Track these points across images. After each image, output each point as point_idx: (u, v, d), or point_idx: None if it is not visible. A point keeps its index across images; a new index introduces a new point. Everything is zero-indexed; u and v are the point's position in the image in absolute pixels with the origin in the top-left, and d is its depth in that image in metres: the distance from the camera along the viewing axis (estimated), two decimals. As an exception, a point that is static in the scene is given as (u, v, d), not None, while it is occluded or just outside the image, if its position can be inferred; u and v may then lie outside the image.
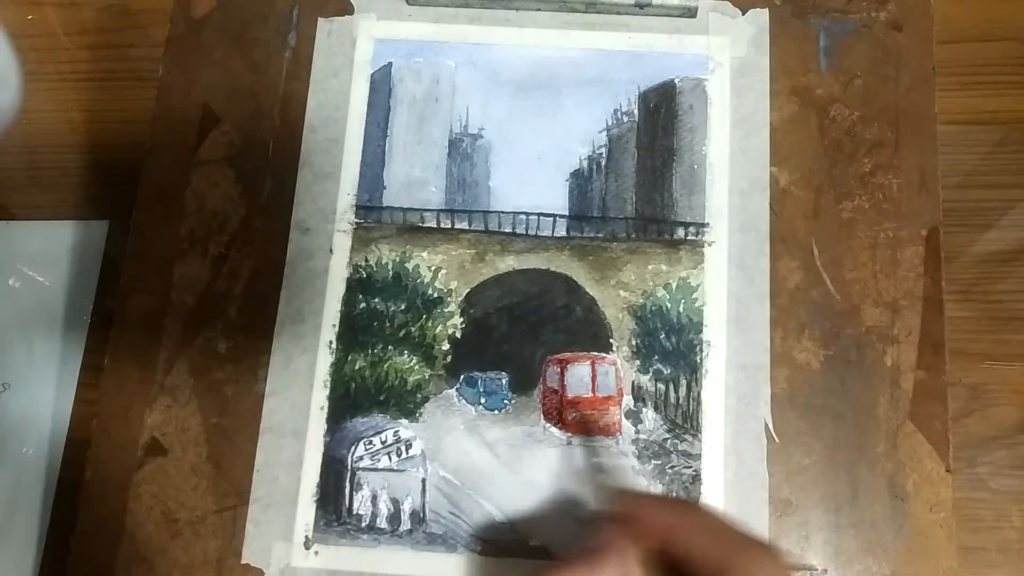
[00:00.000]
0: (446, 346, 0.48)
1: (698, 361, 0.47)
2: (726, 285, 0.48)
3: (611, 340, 0.47)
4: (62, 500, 0.49)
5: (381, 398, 0.47)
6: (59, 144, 0.56)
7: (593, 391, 0.46)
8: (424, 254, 0.49)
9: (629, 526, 0.36)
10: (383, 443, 0.46)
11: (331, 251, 0.49)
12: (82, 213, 0.55)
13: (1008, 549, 0.47)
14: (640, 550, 0.35)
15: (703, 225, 0.49)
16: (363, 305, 0.48)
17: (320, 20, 0.52)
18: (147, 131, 0.51)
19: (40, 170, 0.57)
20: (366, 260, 0.49)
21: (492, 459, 0.46)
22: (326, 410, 0.46)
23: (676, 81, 0.51)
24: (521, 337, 0.48)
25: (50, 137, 0.57)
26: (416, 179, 0.50)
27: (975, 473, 0.48)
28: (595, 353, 0.47)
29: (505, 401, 0.47)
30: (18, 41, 0.55)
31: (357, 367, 0.47)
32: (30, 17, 0.58)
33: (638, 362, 0.47)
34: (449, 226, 0.49)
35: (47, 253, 0.54)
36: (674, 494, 0.45)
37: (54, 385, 0.52)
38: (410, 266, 0.49)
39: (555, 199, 0.49)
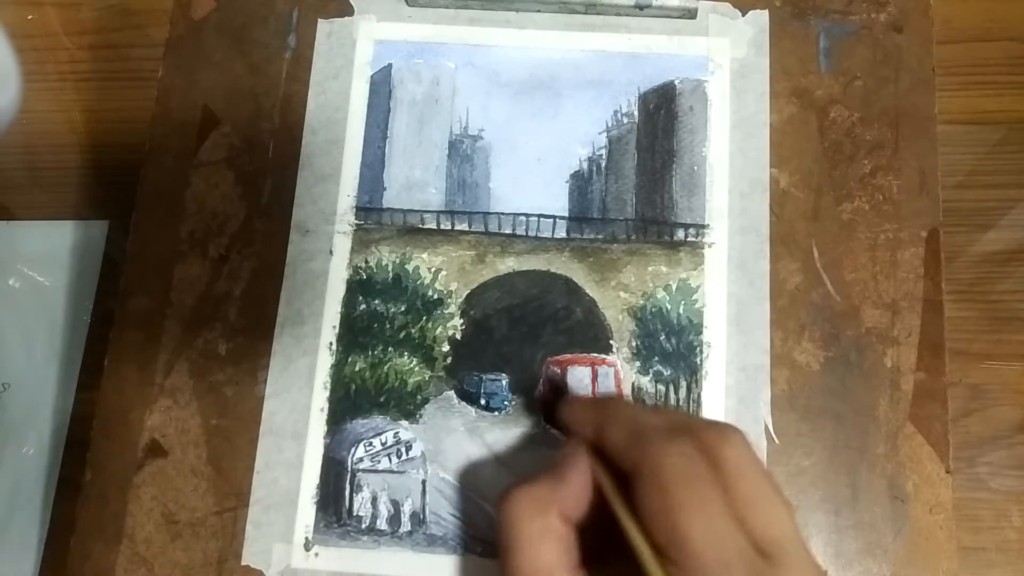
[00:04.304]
0: (446, 347, 0.48)
1: (698, 363, 0.47)
2: (726, 287, 0.48)
3: (611, 342, 0.47)
4: (62, 500, 0.49)
5: (381, 400, 0.47)
6: (59, 144, 0.56)
7: (593, 393, 0.46)
8: (424, 255, 0.49)
9: (581, 435, 0.37)
10: (383, 444, 0.46)
11: (331, 253, 0.49)
12: (82, 213, 0.55)
13: (1008, 549, 0.47)
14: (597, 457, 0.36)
15: (703, 227, 0.49)
16: (363, 307, 0.48)
17: (320, 21, 0.52)
18: (147, 131, 0.51)
19: (40, 170, 0.57)
20: (366, 262, 0.49)
21: (492, 460, 0.46)
22: (326, 412, 0.47)
23: (676, 82, 0.51)
24: (521, 339, 0.48)
25: (50, 137, 0.57)
26: (416, 181, 0.50)
27: (975, 473, 0.48)
28: (595, 355, 0.47)
29: (505, 402, 0.47)
30: (18, 41, 0.55)
31: (357, 369, 0.47)
32: (30, 17, 0.58)
33: (638, 364, 0.47)
34: (449, 228, 0.49)
35: (47, 253, 0.54)
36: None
37: (54, 385, 0.52)
38: (410, 267, 0.49)
39: (555, 200, 0.49)
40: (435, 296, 0.48)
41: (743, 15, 0.52)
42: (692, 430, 0.34)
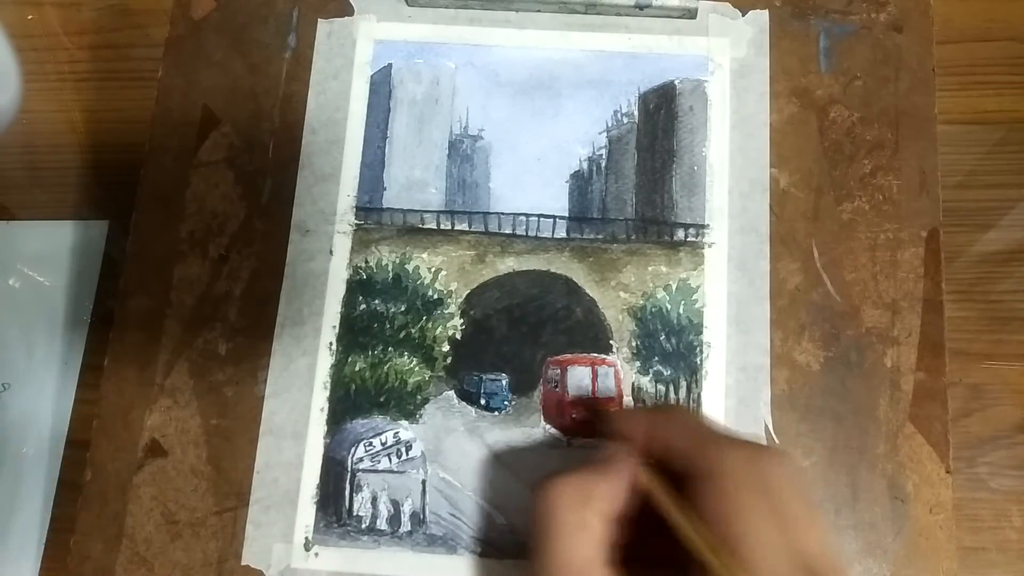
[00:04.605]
0: (446, 347, 0.48)
1: (698, 362, 0.47)
2: (726, 286, 0.48)
3: (611, 341, 0.47)
4: (62, 500, 0.49)
5: (381, 399, 0.47)
6: (59, 144, 0.56)
7: (593, 392, 0.46)
8: (424, 255, 0.49)
9: (627, 441, 0.37)
10: (383, 444, 0.46)
11: (331, 252, 0.49)
12: (82, 213, 0.55)
13: (1008, 549, 0.47)
14: (643, 462, 0.36)
15: (703, 226, 0.49)
16: (363, 306, 0.48)
17: (320, 21, 0.52)
18: (147, 131, 0.51)
19: (40, 170, 0.57)
20: (366, 261, 0.49)
21: (492, 460, 0.46)
22: (326, 411, 0.47)
23: (676, 82, 0.51)
24: (521, 339, 0.48)
25: (50, 137, 0.57)
26: (416, 180, 0.50)
27: (975, 473, 0.48)
28: (595, 355, 0.47)
29: (505, 402, 0.47)
30: (18, 41, 0.55)
31: (357, 368, 0.47)
32: (30, 17, 0.58)
33: (638, 363, 0.47)
34: (449, 227, 0.49)
35: (47, 253, 0.54)
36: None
37: (54, 385, 0.52)
38: (410, 267, 0.49)
39: (555, 200, 0.49)
40: (435, 296, 0.48)
41: (743, 15, 0.52)
42: (745, 444, 0.35)
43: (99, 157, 0.56)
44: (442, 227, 0.49)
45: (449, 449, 0.46)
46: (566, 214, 0.49)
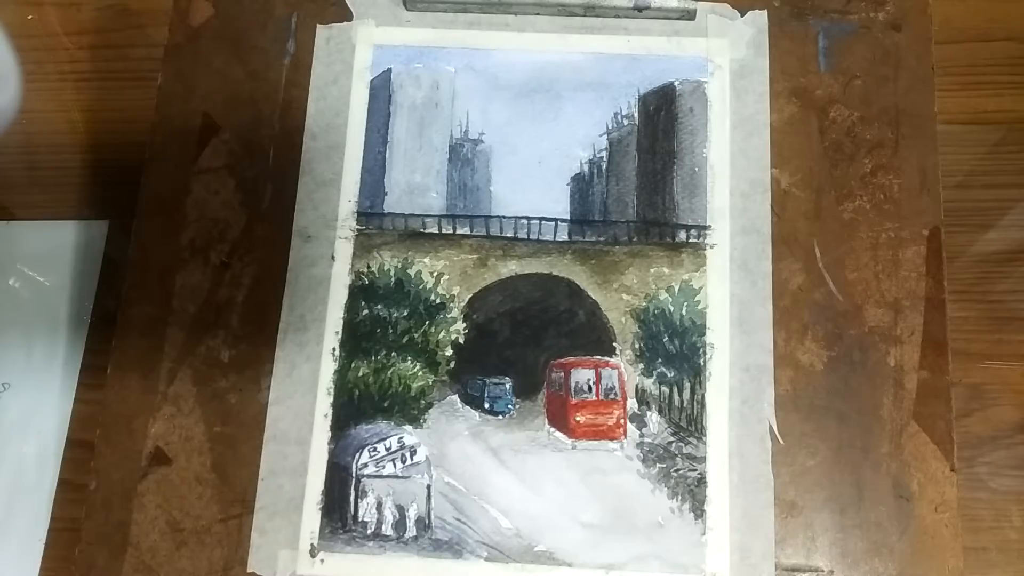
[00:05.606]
0: (449, 352, 0.48)
1: (701, 364, 0.47)
2: (728, 287, 0.48)
3: (614, 344, 0.47)
4: (62, 500, 0.49)
5: (385, 405, 0.47)
6: (59, 144, 0.56)
7: (597, 395, 0.47)
8: (426, 260, 0.49)
9: None
10: (387, 450, 0.46)
11: (333, 258, 0.49)
12: (82, 213, 0.55)
13: (1008, 549, 0.48)
14: None
15: (705, 228, 0.49)
16: (366, 312, 0.48)
17: (319, 27, 0.52)
18: (147, 131, 0.51)
19: (40, 170, 0.57)
20: (368, 267, 0.49)
21: (497, 464, 0.46)
22: (330, 417, 0.46)
23: (676, 84, 0.51)
24: (524, 342, 0.47)
25: (50, 137, 0.57)
26: (417, 185, 0.50)
27: (975, 473, 0.49)
28: (599, 357, 0.47)
29: (509, 406, 0.47)
30: (18, 41, 0.55)
31: (360, 374, 0.47)
32: (30, 17, 0.58)
33: (642, 365, 0.47)
34: (451, 231, 0.49)
35: (47, 253, 0.54)
36: (679, 497, 0.45)
37: (54, 385, 0.52)
38: (412, 272, 0.48)
39: (556, 203, 0.49)
40: (437, 300, 0.48)
41: (742, 15, 0.52)
42: None
43: (99, 157, 0.56)
44: (443, 231, 0.49)
45: (454, 453, 0.46)
46: (567, 217, 0.49)
